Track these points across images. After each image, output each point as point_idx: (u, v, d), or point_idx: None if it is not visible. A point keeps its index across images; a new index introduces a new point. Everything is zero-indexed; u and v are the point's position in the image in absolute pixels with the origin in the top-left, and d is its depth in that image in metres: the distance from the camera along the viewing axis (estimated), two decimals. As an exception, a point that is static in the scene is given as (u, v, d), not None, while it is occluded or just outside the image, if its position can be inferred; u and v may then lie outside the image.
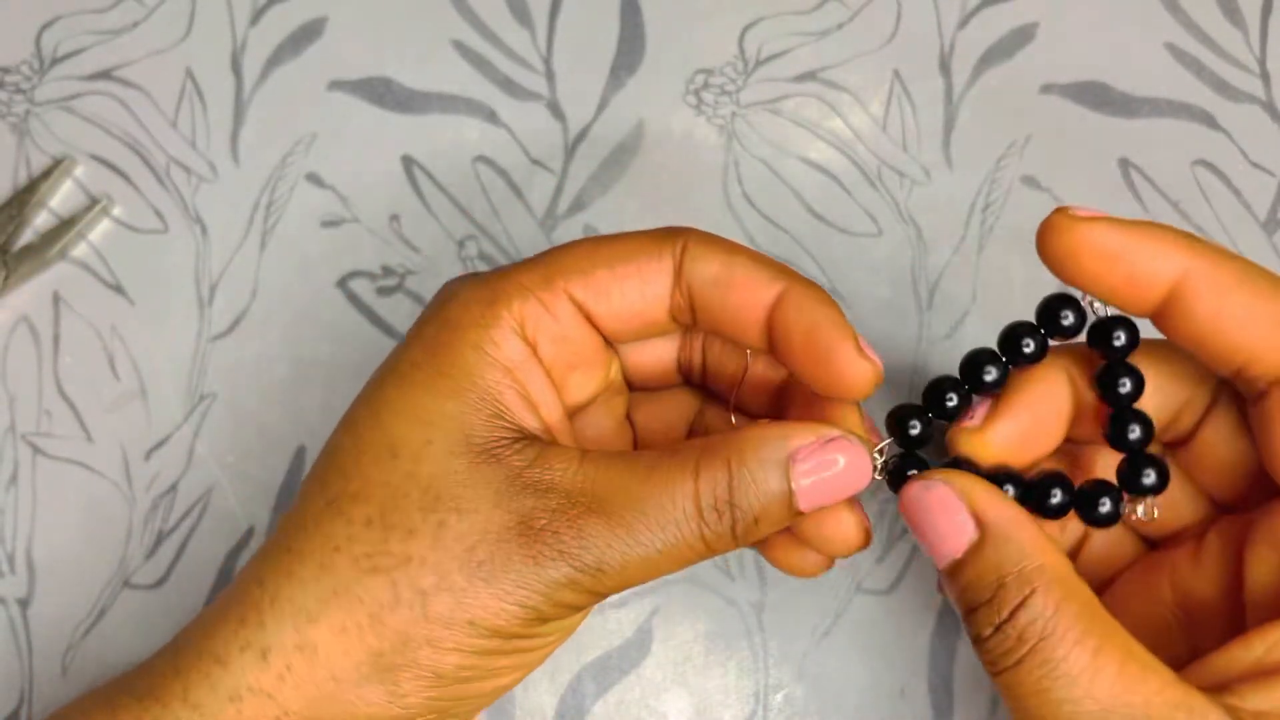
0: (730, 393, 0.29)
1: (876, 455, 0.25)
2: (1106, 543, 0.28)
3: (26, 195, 0.37)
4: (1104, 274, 0.23)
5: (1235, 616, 0.25)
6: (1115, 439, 0.25)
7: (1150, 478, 0.25)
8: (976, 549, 0.23)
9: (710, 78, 0.38)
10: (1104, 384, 0.25)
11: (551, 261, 0.26)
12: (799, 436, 0.24)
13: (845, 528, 0.25)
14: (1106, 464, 0.27)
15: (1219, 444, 0.26)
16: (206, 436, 0.36)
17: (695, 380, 0.30)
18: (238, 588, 0.25)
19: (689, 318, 0.26)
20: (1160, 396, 0.26)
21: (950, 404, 0.26)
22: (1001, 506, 0.23)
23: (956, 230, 0.36)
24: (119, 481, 0.35)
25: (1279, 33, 0.37)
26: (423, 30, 0.39)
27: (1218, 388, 0.26)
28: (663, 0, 0.39)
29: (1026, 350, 0.25)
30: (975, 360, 0.26)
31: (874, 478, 0.25)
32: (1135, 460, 0.25)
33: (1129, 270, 0.23)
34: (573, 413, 0.28)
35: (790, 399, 0.28)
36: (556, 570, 0.23)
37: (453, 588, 0.23)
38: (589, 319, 0.26)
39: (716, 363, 0.29)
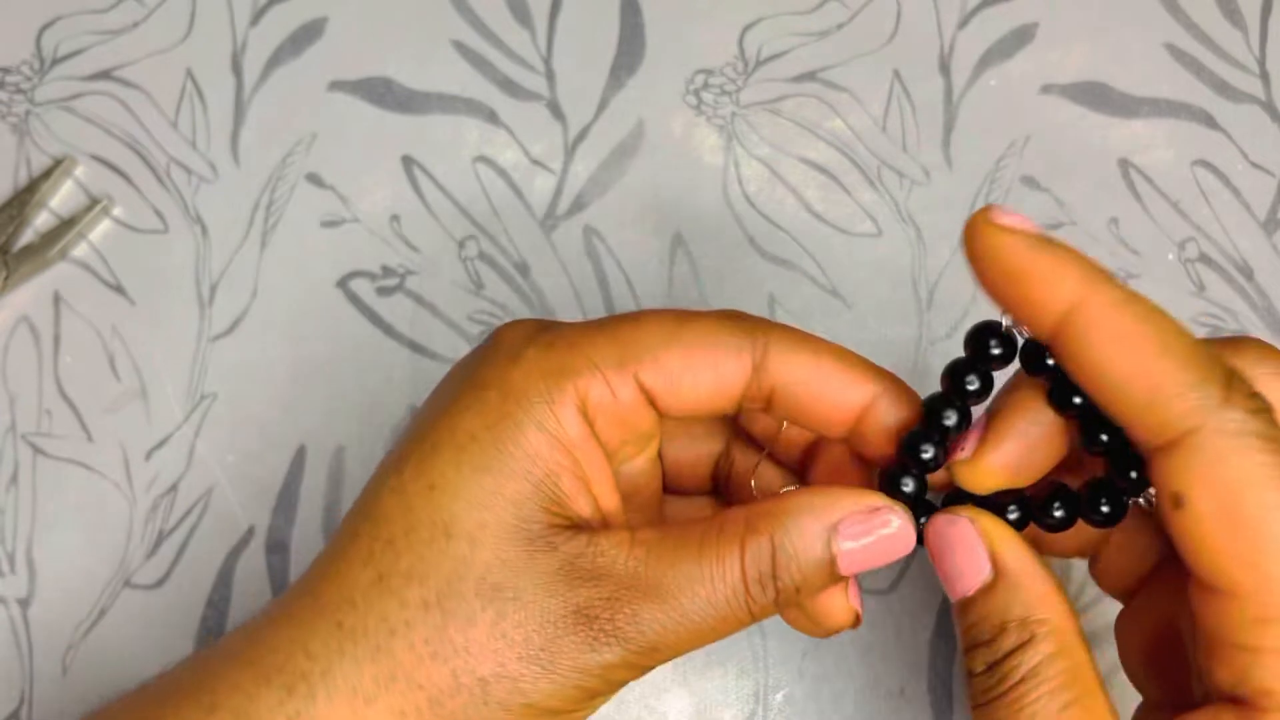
0: (757, 461, 0.29)
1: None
2: (1128, 543, 0.27)
3: (27, 195, 0.37)
4: (1002, 288, 0.22)
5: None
6: (1088, 445, 0.24)
7: (1135, 474, 0.24)
8: (988, 590, 0.23)
9: (710, 78, 0.38)
10: (1058, 401, 0.24)
11: (625, 337, 0.25)
12: (843, 506, 0.24)
13: (836, 609, 0.26)
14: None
15: None
16: (207, 436, 0.36)
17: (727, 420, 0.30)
18: (275, 651, 0.24)
19: (762, 406, 0.26)
20: None
21: (926, 455, 0.25)
22: (1018, 555, 0.23)
23: (956, 230, 0.36)
24: (119, 481, 0.35)
25: (1279, 33, 0.37)
26: (423, 30, 0.39)
27: None
28: (663, 0, 0.39)
29: (973, 388, 0.25)
30: (934, 408, 0.25)
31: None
32: (1116, 460, 0.24)
33: (1023, 291, 0.22)
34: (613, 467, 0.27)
35: (820, 452, 0.28)
36: (613, 654, 0.23)
37: (511, 675, 0.23)
38: (651, 400, 0.25)
39: (750, 413, 0.29)
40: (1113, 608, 0.27)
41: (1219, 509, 0.20)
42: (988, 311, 0.35)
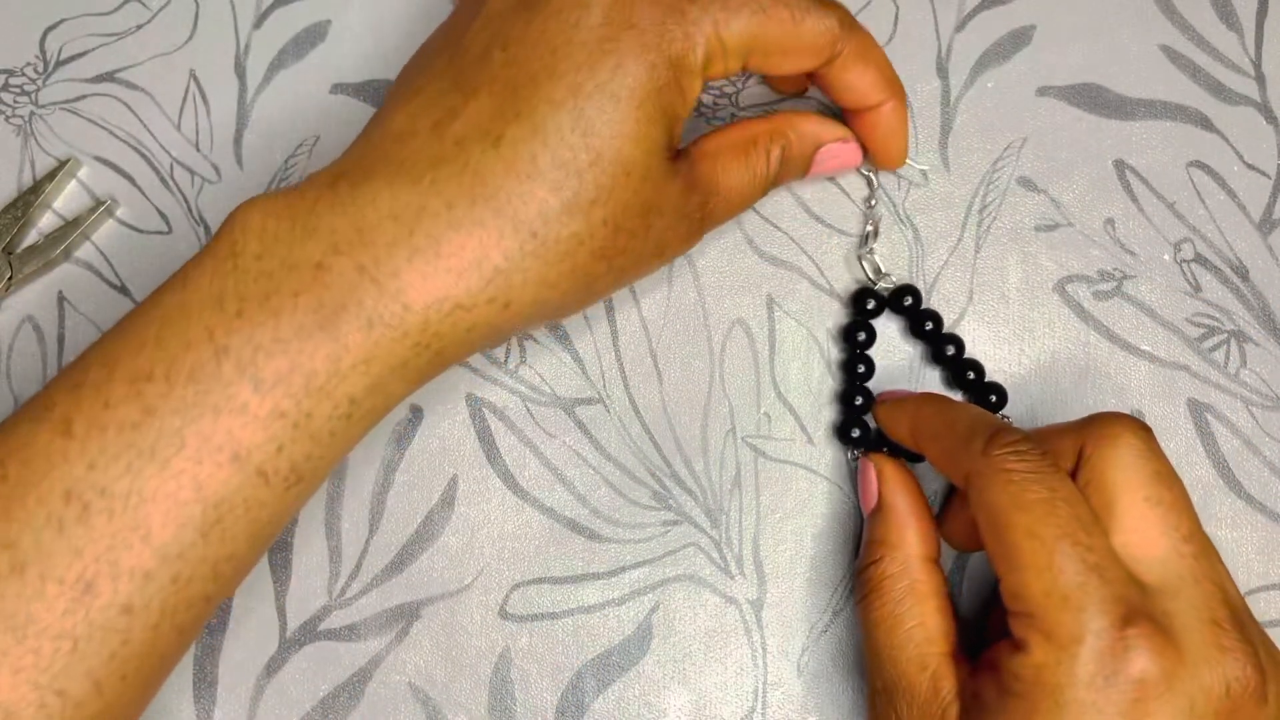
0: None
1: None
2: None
3: (31, 196, 0.37)
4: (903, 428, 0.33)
5: None
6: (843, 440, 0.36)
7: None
8: (873, 514, 0.33)
9: (709, 80, 0.38)
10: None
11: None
12: (831, 131, 0.34)
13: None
14: None
15: None
16: (210, 436, 0.36)
17: None
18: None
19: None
20: None
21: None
22: (896, 494, 0.32)
23: (953, 231, 0.37)
24: (123, 480, 0.36)
25: (1274, 35, 0.38)
26: (425, 33, 0.39)
27: None
28: None
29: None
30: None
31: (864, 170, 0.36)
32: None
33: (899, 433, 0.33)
34: None
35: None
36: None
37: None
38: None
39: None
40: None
41: (986, 525, 0.27)
42: (984, 312, 0.36)
